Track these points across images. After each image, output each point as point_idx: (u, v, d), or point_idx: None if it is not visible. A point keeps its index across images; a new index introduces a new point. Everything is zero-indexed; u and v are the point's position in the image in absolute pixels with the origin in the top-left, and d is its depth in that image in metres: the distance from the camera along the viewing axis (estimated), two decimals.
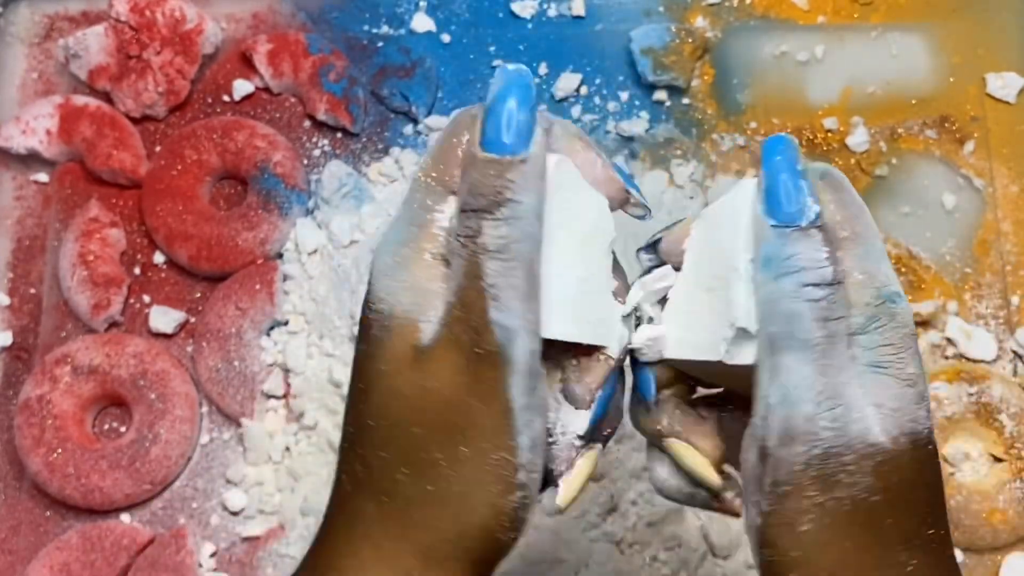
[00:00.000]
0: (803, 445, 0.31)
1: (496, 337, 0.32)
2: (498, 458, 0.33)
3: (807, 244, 0.32)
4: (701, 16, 0.70)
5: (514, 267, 0.32)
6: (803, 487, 0.32)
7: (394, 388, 0.33)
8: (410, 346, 0.33)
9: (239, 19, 0.71)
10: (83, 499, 0.60)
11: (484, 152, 0.32)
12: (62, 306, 0.65)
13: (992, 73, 0.68)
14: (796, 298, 0.32)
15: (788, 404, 0.32)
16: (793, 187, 0.32)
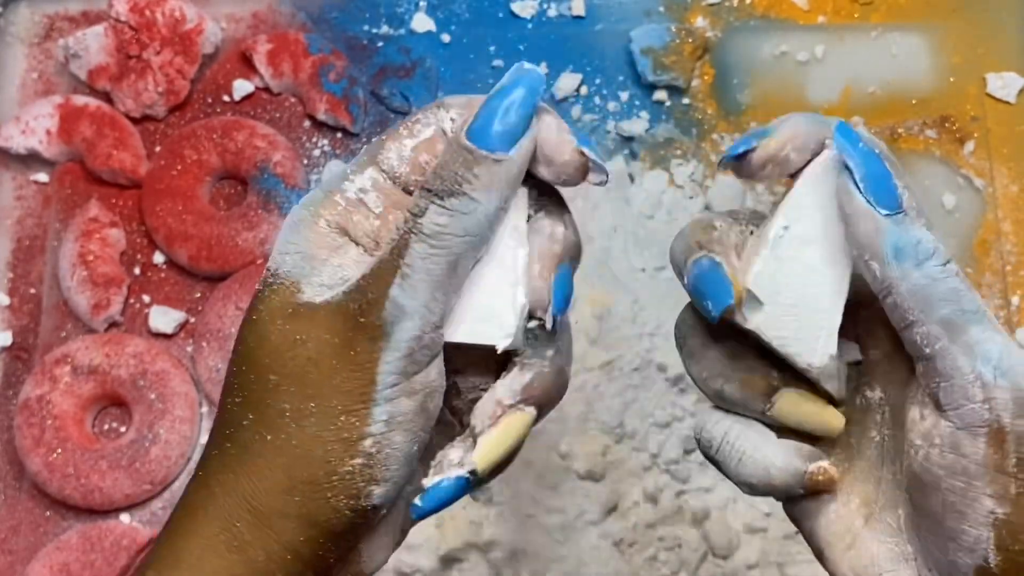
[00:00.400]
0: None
1: (385, 312, 0.32)
2: (345, 420, 0.32)
3: (919, 225, 0.32)
4: (701, 16, 0.70)
5: (438, 254, 0.32)
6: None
7: (262, 335, 0.33)
8: (288, 302, 0.33)
9: (239, 19, 0.71)
10: (83, 499, 0.60)
11: (465, 139, 0.32)
12: (62, 306, 0.65)
13: (992, 73, 0.68)
14: (948, 276, 0.31)
15: (1007, 373, 0.30)
16: (886, 173, 0.32)
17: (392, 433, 0.32)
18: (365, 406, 0.32)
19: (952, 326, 0.31)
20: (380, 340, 0.32)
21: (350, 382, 0.32)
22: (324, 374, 0.32)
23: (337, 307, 0.32)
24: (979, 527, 0.30)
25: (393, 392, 0.32)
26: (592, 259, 0.61)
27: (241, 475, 0.33)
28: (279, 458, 0.32)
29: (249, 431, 0.33)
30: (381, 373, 0.32)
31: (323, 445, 0.32)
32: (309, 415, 0.32)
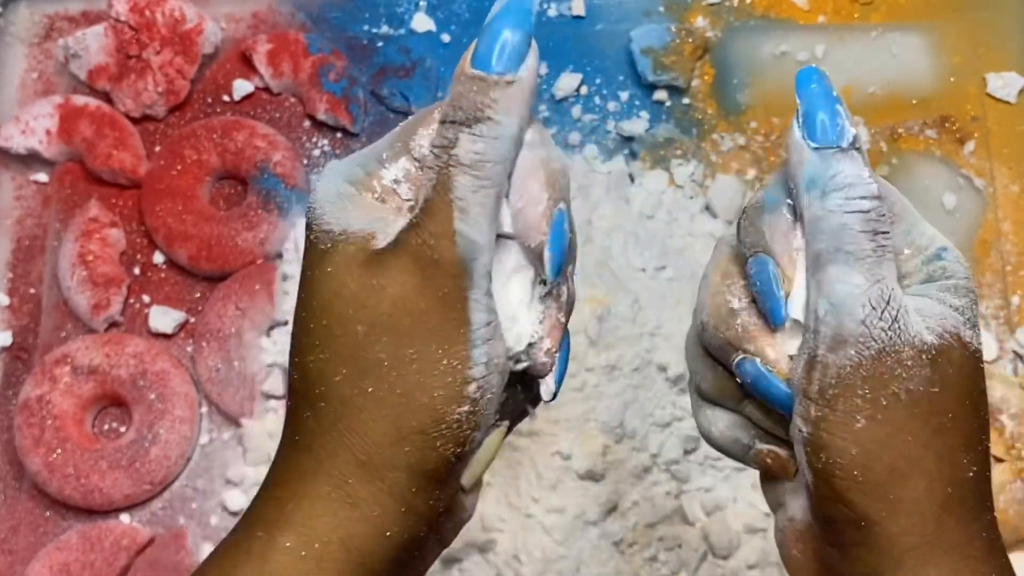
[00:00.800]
0: (853, 348, 0.32)
1: (459, 247, 0.31)
2: (448, 364, 0.32)
3: (850, 163, 0.33)
4: (701, 16, 0.70)
5: (485, 185, 0.32)
6: (854, 387, 0.32)
7: (339, 286, 0.32)
8: (363, 250, 0.32)
9: (239, 19, 0.71)
10: (83, 499, 0.60)
11: (472, 69, 0.32)
12: (62, 306, 0.65)
13: (992, 73, 0.68)
14: (843, 211, 0.32)
15: (838, 312, 0.32)
16: (831, 111, 0.33)
17: (491, 376, 0.32)
18: (464, 348, 0.32)
19: (821, 260, 0.33)
20: (462, 277, 0.32)
21: (445, 324, 0.32)
22: (416, 318, 0.32)
23: (408, 248, 0.32)
24: (798, 445, 0.33)
25: (487, 331, 0.32)
26: (592, 259, 0.61)
27: (345, 432, 0.32)
28: (383, 409, 0.32)
29: (345, 386, 0.32)
30: (473, 311, 0.32)
31: (429, 392, 0.32)
32: (410, 362, 0.32)
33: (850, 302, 0.32)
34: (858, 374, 0.32)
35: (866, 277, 0.32)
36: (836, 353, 0.32)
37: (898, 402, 0.32)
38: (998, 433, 0.60)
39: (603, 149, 0.67)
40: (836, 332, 0.32)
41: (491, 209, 0.32)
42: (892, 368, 0.32)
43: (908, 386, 0.32)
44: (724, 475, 0.59)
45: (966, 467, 0.32)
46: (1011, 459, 0.60)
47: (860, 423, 0.32)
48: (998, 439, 0.60)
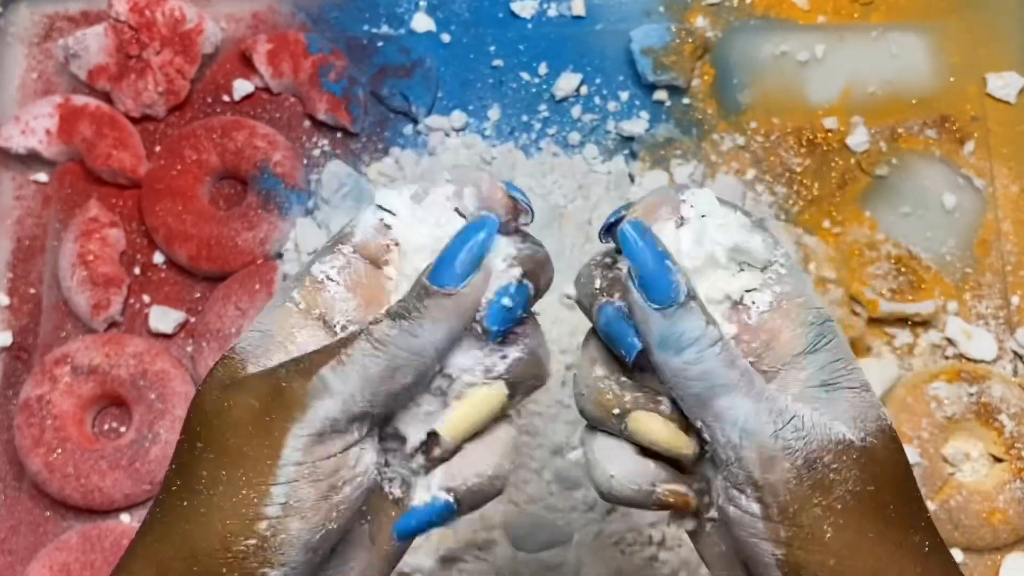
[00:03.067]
0: (786, 461, 0.33)
1: (309, 384, 0.33)
2: (245, 495, 0.33)
3: (691, 318, 0.34)
4: (701, 16, 0.70)
5: (378, 356, 0.34)
6: (807, 497, 0.33)
7: (198, 405, 0.35)
8: (230, 375, 0.35)
9: (239, 19, 0.71)
10: (83, 499, 0.60)
11: (425, 279, 0.35)
12: (62, 306, 0.65)
13: (992, 73, 0.68)
14: (701, 361, 0.34)
15: (750, 434, 0.33)
16: (662, 270, 0.34)
17: (289, 519, 0.33)
18: (266, 482, 0.33)
19: (704, 399, 0.34)
20: (295, 410, 0.33)
21: (257, 450, 0.33)
22: (240, 440, 0.33)
23: (268, 374, 0.34)
24: (771, 570, 0.33)
25: (295, 471, 0.33)
26: None
27: (160, 539, 0.34)
28: (186, 524, 0.33)
29: (174, 497, 0.34)
30: (287, 447, 0.33)
31: (223, 518, 0.33)
32: (219, 483, 0.33)
33: (755, 421, 0.33)
34: (804, 485, 0.33)
35: (751, 399, 0.33)
36: (773, 472, 0.33)
37: (847, 504, 0.33)
38: (998, 433, 0.60)
39: (603, 149, 0.67)
40: (760, 452, 0.33)
41: (373, 374, 0.34)
42: (826, 473, 0.33)
43: (848, 487, 0.33)
44: None
45: (920, 545, 0.33)
46: (1011, 459, 0.60)
47: (828, 533, 0.32)
48: (998, 439, 0.60)
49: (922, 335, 0.64)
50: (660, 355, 0.34)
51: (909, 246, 0.65)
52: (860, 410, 0.34)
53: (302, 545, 0.33)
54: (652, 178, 0.66)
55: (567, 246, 0.62)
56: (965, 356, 0.63)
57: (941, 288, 0.64)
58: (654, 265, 0.34)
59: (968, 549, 0.60)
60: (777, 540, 0.33)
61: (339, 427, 0.33)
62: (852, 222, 0.66)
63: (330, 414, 0.33)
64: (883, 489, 0.33)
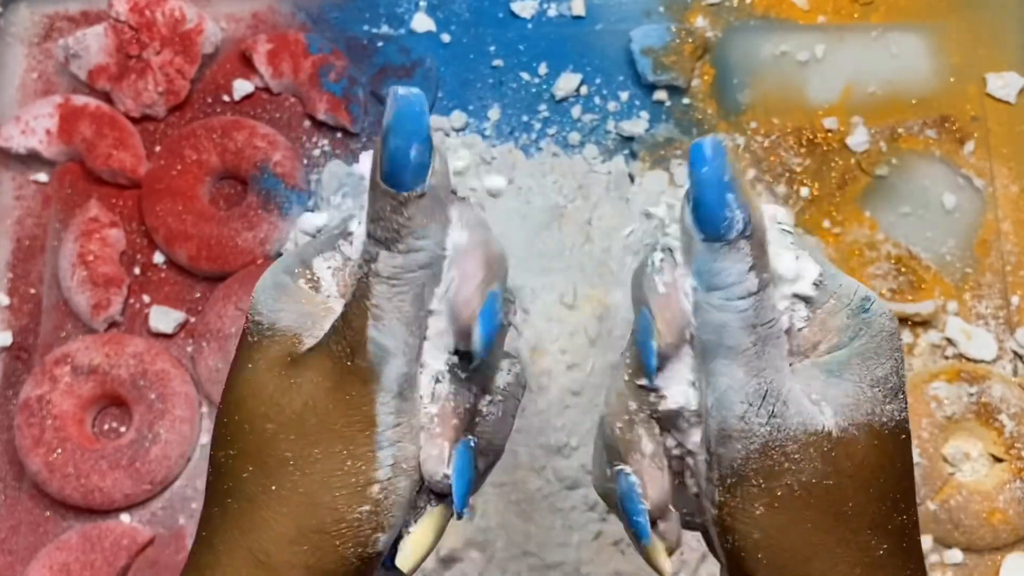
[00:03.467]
0: (739, 443, 0.32)
1: (370, 354, 0.32)
2: (352, 465, 0.32)
3: (734, 258, 0.32)
4: (701, 16, 0.70)
5: (402, 292, 0.32)
6: (748, 478, 0.33)
7: (256, 384, 0.33)
8: (286, 351, 0.34)
9: (239, 19, 0.71)
10: (83, 499, 0.60)
11: (383, 185, 0.32)
12: (62, 306, 0.65)
13: (992, 73, 0.68)
14: (724, 310, 0.32)
15: (721, 406, 0.33)
16: (719, 201, 0.32)
17: (398, 479, 0.33)
18: (370, 449, 0.32)
19: (707, 353, 0.33)
20: (372, 382, 0.33)
21: (350, 426, 0.32)
22: (322, 419, 0.32)
23: (324, 351, 0.33)
24: (711, 527, 0.34)
25: (395, 434, 0.33)
26: (592, 259, 0.61)
27: (247, 530, 0.33)
28: (284, 507, 0.32)
29: (251, 483, 0.33)
30: (380, 414, 0.33)
31: (331, 491, 0.32)
32: (314, 461, 0.32)
33: (730, 397, 0.32)
34: (749, 466, 0.32)
35: (746, 371, 0.32)
36: (725, 447, 0.33)
37: (792, 492, 0.32)
38: (998, 433, 0.60)
39: (603, 149, 0.67)
40: (721, 427, 0.33)
41: (407, 313, 0.33)
42: (779, 461, 0.32)
43: (800, 478, 0.32)
44: None
45: (875, 547, 0.33)
46: (1011, 459, 0.60)
47: (759, 510, 0.32)
48: (998, 439, 0.60)
49: (922, 335, 0.64)
50: (695, 280, 0.33)
51: (909, 246, 0.65)
52: (855, 402, 0.33)
53: (407, 502, 0.33)
54: (652, 178, 0.66)
55: (567, 246, 0.62)
56: (965, 356, 0.63)
57: (941, 288, 0.64)
58: (714, 191, 0.32)
59: (968, 549, 0.60)
60: (712, 500, 0.34)
61: (411, 380, 0.33)
62: (852, 222, 0.66)
63: (401, 371, 0.33)
64: (846, 484, 0.32)
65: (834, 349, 0.34)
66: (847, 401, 0.33)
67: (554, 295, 0.59)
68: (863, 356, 0.33)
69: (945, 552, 0.60)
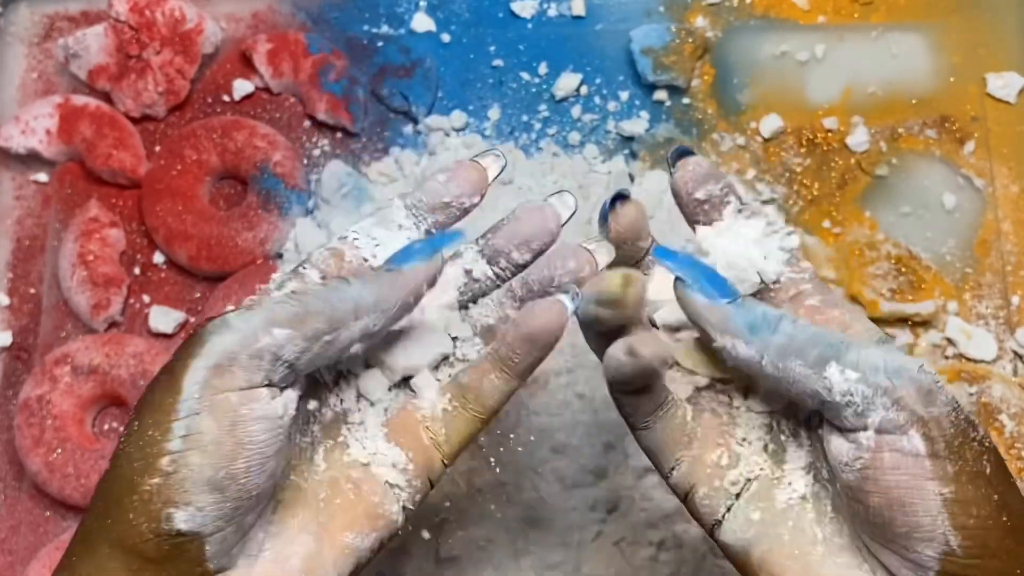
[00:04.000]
0: (941, 394, 0.33)
1: (209, 324, 0.34)
2: (151, 435, 0.33)
3: (757, 302, 0.37)
4: (701, 16, 0.70)
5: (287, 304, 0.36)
6: (966, 431, 0.33)
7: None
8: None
9: (239, 19, 0.71)
10: (83, 499, 0.60)
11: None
12: (62, 306, 0.65)
13: (992, 73, 0.68)
14: (801, 327, 0.35)
15: (901, 372, 0.33)
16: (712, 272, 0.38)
17: (189, 453, 0.32)
18: (168, 419, 0.33)
19: (823, 360, 0.34)
20: (196, 347, 0.34)
21: (162, 392, 0.33)
22: (152, 389, 0.34)
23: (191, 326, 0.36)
24: (933, 513, 0.32)
25: (196, 404, 0.33)
26: None
27: (88, 510, 0.34)
28: (103, 482, 0.33)
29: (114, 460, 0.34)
30: (186, 380, 0.33)
31: (130, 463, 0.33)
32: (131, 434, 0.33)
33: (897, 361, 0.34)
34: (960, 420, 0.33)
35: (873, 346, 0.34)
36: (935, 405, 0.33)
37: (987, 444, 0.33)
38: (997, 432, 0.60)
39: (603, 149, 0.67)
40: (919, 387, 0.33)
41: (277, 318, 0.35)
42: (966, 411, 0.34)
43: (980, 432, 0.34)
44: None
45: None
46: (1011, 459, 0.60)
47: (988, 468, 0.33)
48: (998, 439, 0.60)
49: (922, 335, 0.64)
50: (757, 340, 0.35)
51: (909, 246, 0.65)
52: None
53: (204, 481, 0.33)
54: (652, 178, 0.66)
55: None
56: (965, 356, 0.63)
57: (941, 288, 0.64)
58: (705, 269, 0.37)
59: None
60: (945, 477, 0.32)
61: (240, 361, 0.34)
62: (852, 222, 0.66)
63: (228, 347, 0.34)
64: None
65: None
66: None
67: None
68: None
69: None
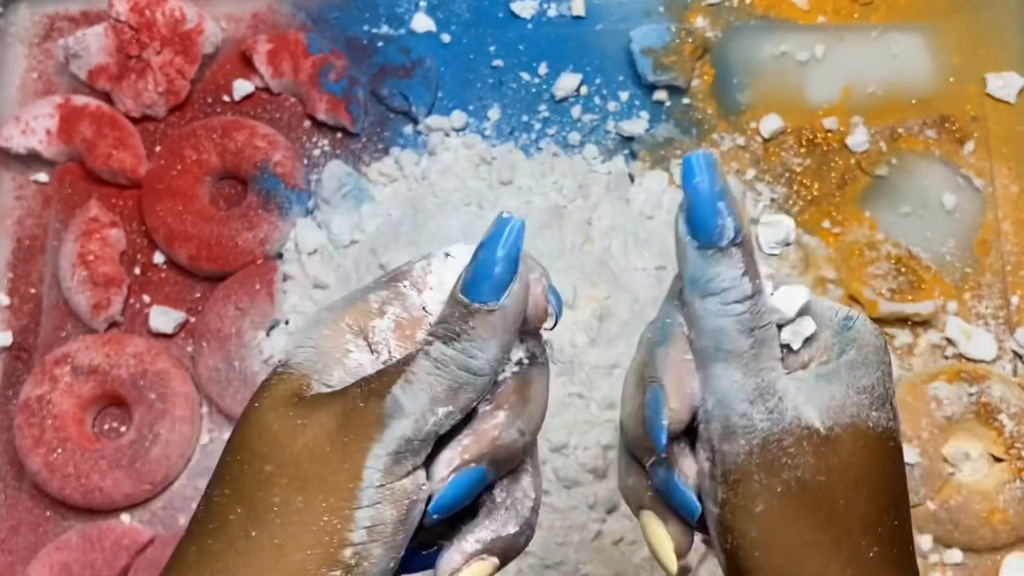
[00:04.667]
0: (743, 439, 0.34)
1: (384, 404, 0.32)
2: (328, 521, 0.31)
3: (727, 264, 0.33)
4: (701, 16, 0.70)
5: (441, 376, 0.32)
6: (750, 473, 0.33)
7: (264, 423, 0.32)
8: (294, 393, 0.33)
9: (239, 19, 0.71)
10: (83, 499, 0.60)
11: (460, 295, 0.33)
12: (62, 306, 0.65)
13: (992, 73, 0.68)
14: (720, 315, 0.34)
15: (723, 406, 0.34)
16: (712, 209, 0.33)
17: (373, 545, 0.31)
18: (349, 505, 0.31)
19: (706, 357, 0.34)
20: (374, 430, 0.31)
21: (337, 473, 0.31)
22: (316, 462, 0.31)
23: (342, 395, 0.32)
24: (711, 523, 0.35)
25: (377, 494, 0.31)
26: (592, 259, 0.61)
27: (216, 572, 0.31)
28: (255, 558, 0.31)
29: (235, 526, 0.32)
30: (368, 468, 0.31)
31: (303, 549, 0.31)
32: (295, 511, 0.31)
33: (731, 396, 0.34)
34: (752, 462, 0.33)
35: (744, 372, 0.34)
36: (729, 444, 0.34)
37: (790, 489, 0.33)
38: (997, 432, 0.60)
39: (603, 149, 0.67)
40: (724, 425, 0.34)
41: (439, 393, 0.32)
42: (779, 456, 0.33)
43: (796, 474, 0.33)
44: None
45: (866, 548, 0.33)
46: (1011, 459, 0.60)
47: (759, 507, 0.33)
48: (998, 438, 0.60)
49: (922, 335, 0.64)
50: (688, 293, 0.34)
51: (909, 246, 0.65)
52: (841, 404, 0.34)
53: (380, 572, 0.31)
54: (652, 178, 0.66)
55: (567, 246, 0.62)
56: (965, 356, 0.63)
57: (941, 288, 0.64)
58: (706, 200, 0.33)
59: (968, 549, 0.60)
60: (715, 499, 0.34)
61: (413, 447, 0.32)
62: (852, 222, 0.66)
63: (406, 433, 0.32)
64: (836, 482, 0.33)
65: (822, 365, 0.35)
66: (833, 404, 0.34)
67: None
68: (850, 366, 0.35)
69: (945, 552, 0.60)
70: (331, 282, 0.63)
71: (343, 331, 0.34)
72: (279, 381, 0.33)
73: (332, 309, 0.35)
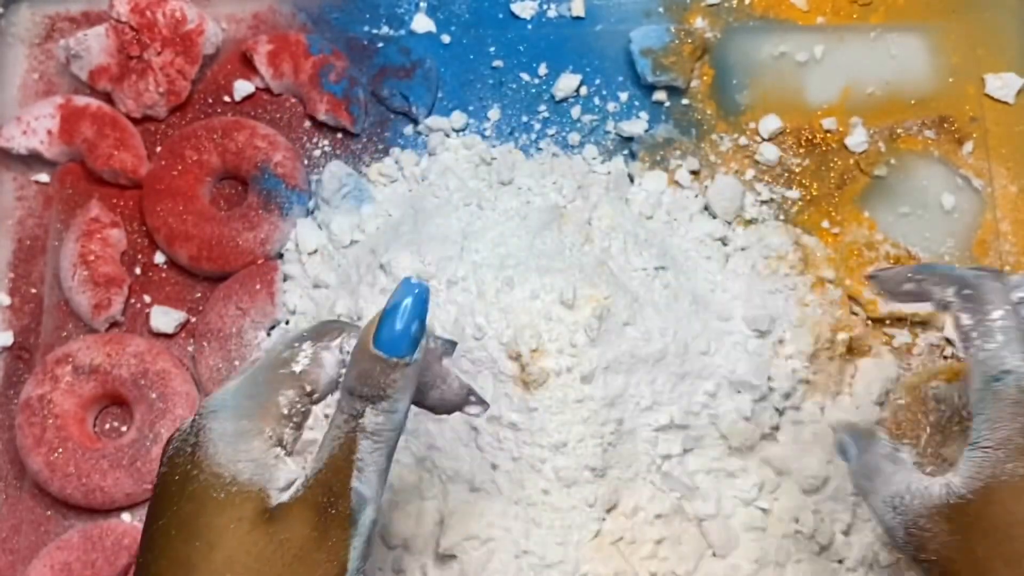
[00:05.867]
0: None
1: (351, 502, 0.37)
2: None
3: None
4: (701, 16, 0.70)
5: (380, 447, 0.38)
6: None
7: (245, 543, 0.36)
8: (258, 508, 0.37)
9: (239, 19, 0.71)
10: (84, 499, 0.60)
11: (375, 349, 0.37)
12: (63, 306, 0.65)
13: (991, 73, 0.68)
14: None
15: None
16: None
17: None
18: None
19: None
20: (348, 527, 0.36)
21: (322, 565, 0.36)
22: (309, 568, 0.36)
23: (307, 503, 0.37)
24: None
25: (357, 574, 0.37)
26: (592, 259, 0.61)
27: None
28: None
29: None
30: (351, 559, 0.37)
31: None
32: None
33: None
34: None
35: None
36: None
37: None
38: None
39: (602, 149, 0.67)
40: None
41: (382, 467, 0.38)
42: None
43: None
44: (724, 474, 0.59)
45: None
46: None
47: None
48: None
49: (921, 335, 0.64)
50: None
51: (908, 246, 0.65)
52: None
53: None
54: (651, 178, 0.66)
55: (567, 246, 0.62)
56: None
57: None
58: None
59: None
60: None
61: (378, 525, 0.38)
62: (851, 222, 0.66)
63: (372, 518, 0.38)
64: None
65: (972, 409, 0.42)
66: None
67: (554, 295, 0.59)
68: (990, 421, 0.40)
69: None
70: (331, 282, 0.63)
71: (266, 440, 0.38)
72: (242, 501, 0.37)
73: (247, 416, 0.38)
